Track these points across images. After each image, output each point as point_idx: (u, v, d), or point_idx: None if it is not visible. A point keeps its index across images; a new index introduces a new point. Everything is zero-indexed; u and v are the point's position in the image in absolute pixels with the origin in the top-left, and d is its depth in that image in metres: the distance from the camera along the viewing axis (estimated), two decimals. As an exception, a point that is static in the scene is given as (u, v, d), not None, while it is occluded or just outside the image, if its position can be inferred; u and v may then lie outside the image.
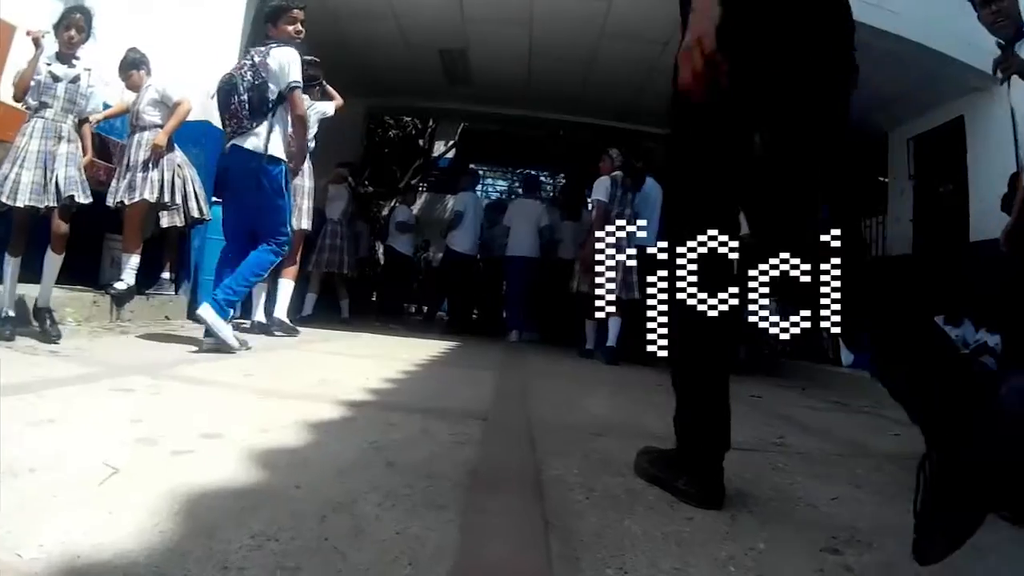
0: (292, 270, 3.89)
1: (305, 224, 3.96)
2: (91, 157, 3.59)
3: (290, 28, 2.92)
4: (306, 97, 3.17)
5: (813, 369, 5.30)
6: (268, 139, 2.77)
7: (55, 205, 2.61)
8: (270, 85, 2.80)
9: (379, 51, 6.04)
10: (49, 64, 2.77)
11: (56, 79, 2.76)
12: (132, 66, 3.88)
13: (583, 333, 4.67)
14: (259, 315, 3.83)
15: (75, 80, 2.83)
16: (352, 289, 5.70)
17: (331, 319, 5.35)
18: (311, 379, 2.13)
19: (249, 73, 2.81)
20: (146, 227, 3.91)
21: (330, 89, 4.31)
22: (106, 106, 4.08)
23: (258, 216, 2.85)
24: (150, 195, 3.58)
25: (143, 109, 3.75)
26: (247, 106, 2.78)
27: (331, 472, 1.09)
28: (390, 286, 5.86)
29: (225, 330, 2.64)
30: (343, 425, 1.47)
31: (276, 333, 3.76)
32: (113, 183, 3.68)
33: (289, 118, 2.88)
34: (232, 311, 2.78)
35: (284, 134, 2.88)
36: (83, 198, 2.87)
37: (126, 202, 3.56)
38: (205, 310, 2.63)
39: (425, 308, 9.06)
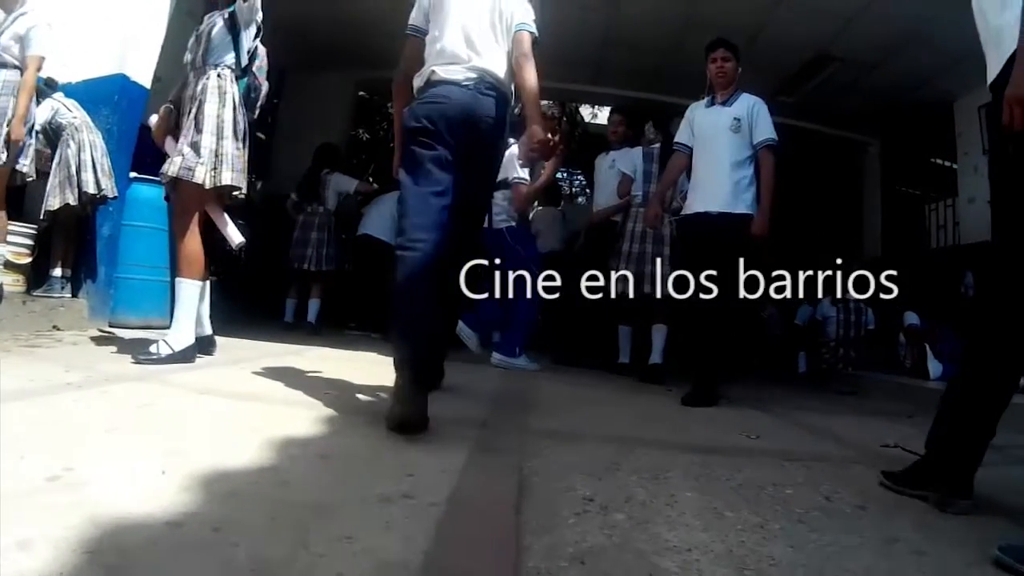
0: (197, 268, 2.29)
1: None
2: None
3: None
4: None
5: (893, 383, 4.30)
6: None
7: None
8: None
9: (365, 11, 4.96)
10: None
11: None
12: None
13: (615, 341, 3.71)
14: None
15: None
16: (329, 290, 4.64)
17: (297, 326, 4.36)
18: (51, 470, 0.95)
19: None
20: (24, 206, 2.90)
21: None
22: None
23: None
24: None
25: (4, 43, 2.70)
26: None
27: None
28: (365, 284, 4.67)
29: (518, 363, 3.30)
30: None
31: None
32: None
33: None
34: (520, 348, 3.35)
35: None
36: None
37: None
38: (495, 359, 3.31)
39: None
